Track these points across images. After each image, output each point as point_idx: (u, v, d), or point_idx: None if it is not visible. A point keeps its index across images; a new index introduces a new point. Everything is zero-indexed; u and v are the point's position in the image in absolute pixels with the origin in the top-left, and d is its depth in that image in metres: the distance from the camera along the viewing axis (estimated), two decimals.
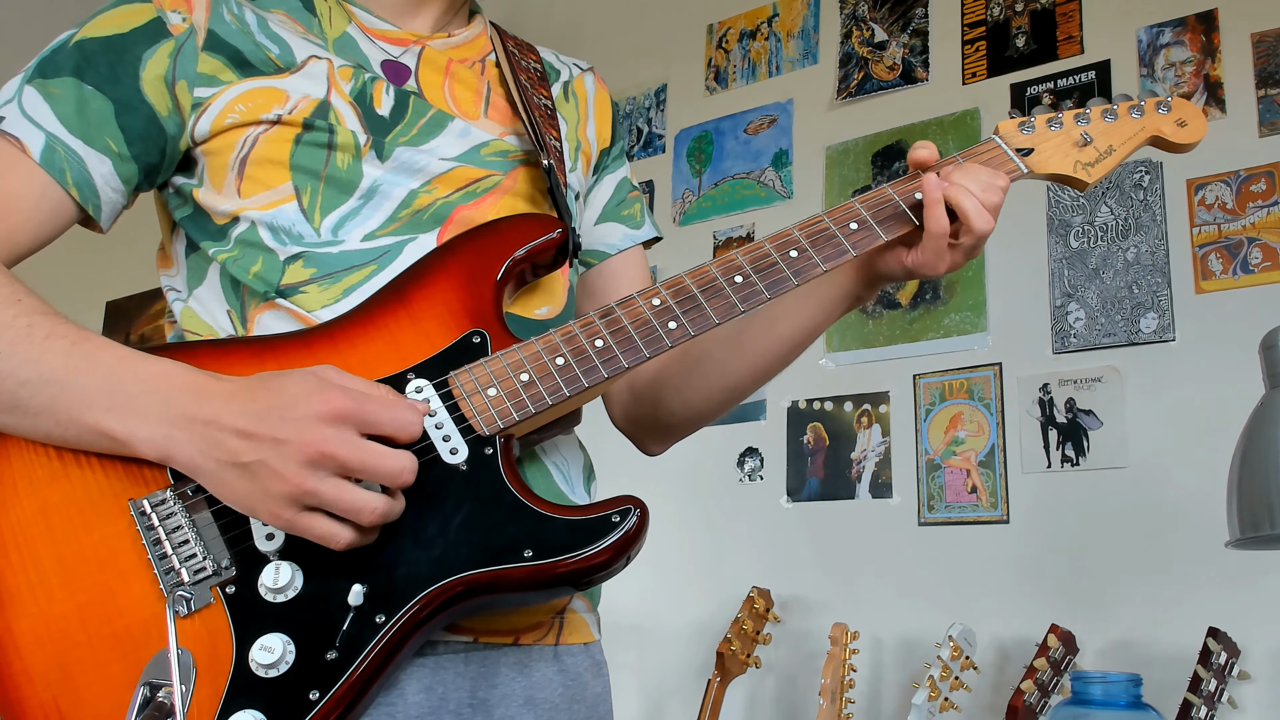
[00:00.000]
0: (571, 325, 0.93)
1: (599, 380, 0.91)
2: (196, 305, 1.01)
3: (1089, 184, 1.06)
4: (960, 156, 1.04)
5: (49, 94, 0.94)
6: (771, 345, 1.10)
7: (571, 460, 1.04)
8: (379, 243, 0.98)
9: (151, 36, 0.96)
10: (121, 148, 0.95)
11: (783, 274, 0.97)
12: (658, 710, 2.66)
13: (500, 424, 0.88)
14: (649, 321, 0.93)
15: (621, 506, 0.85)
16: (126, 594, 0.81)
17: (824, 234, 1.00)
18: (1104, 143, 1.08)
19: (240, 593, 0.81)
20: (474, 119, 1.06)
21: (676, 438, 1.20)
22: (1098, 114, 1.09)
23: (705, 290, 0.95)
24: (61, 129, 0.93)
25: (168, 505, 0.83)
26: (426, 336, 0.91)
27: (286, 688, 0.78)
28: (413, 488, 0.81)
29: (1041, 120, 1.08)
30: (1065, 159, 1.06)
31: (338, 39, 1.04)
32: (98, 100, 0.94)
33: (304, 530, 0.79)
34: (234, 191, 0.97)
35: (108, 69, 0.95)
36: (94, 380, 0.82)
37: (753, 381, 1.12)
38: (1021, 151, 1.06)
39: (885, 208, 1.01)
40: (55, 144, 0.92)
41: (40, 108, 0.93)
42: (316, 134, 0.97)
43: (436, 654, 0.91)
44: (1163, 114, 1.09)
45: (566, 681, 1.00)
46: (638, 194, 1.25)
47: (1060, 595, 2.25)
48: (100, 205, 0.96)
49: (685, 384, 1.14)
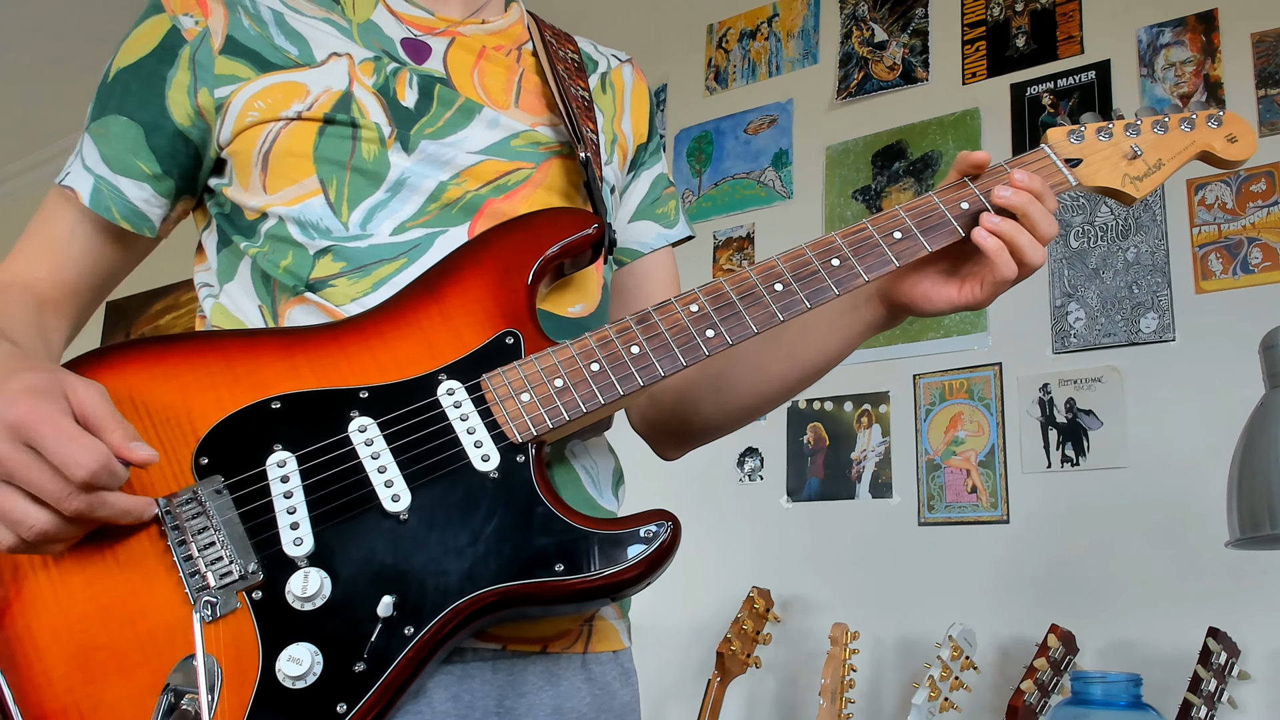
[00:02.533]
0: (607, 330, 0.91)
1: (634, 388, 0.89)
2: (227, 300, 1.00)
3: (1136, 199, 1.03)
4: (1008, 165, 1.00)
5: (98, 136, 1.00)
6: (792, 370, 1.09)
7: (601, 464, 1.03)
8: (409, 235, 0.96)
9: (171, 52, 0.98)
10: (154, 168, 0.99)
11: (824, 283, 0.94)
12: (658, 710, 2.66)
13: (534, 431, 0.86)
14: (686, 329, 0.91)
15: (654, 521, 0.84)
16: (150, 596, 0.79)
17: (867, 242, 0.96)
18: (1153, 156, 1.04)
19: (267, 599, 0.79)
20: (504, 108, 1.04)
21: (692, 446, 1.19)
22: (1148, 125, 1.05)
23: (745, 298, 0.93)
24: (104, 168, 0.99)
25: (193, 506, 0.82)
26: (459, 335, 0.90)
27: (313, 700, 0.77)
28: (444, 493, 0.80)
29: (1091, 130, 1.04)
30: (1114, 172, 1.03)
31: (363, 24, 1.02)
32: (132, 130, 0.99)
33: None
34: (260, 187, 0.97)
35: (138, 94, 0.99)
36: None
37: (769, 403, 1.11)
38: (1070, 162, 1.02)
39: (930, 217, 0.97)
40: (101, 185, 0.99)
41: (92, 153, 1.00)
42: (339, 127, 0.96)
43: (464, 661, 0.90)
44: (1213, 128, 1.06)
45: (595, 691, 0.98)
46: (673, 190, 1.22)
47: (1060, 595, 2.25)
48: (154, 225, 1.02)
49: (703, 399, 1.12)
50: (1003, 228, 0.95)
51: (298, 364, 0.87)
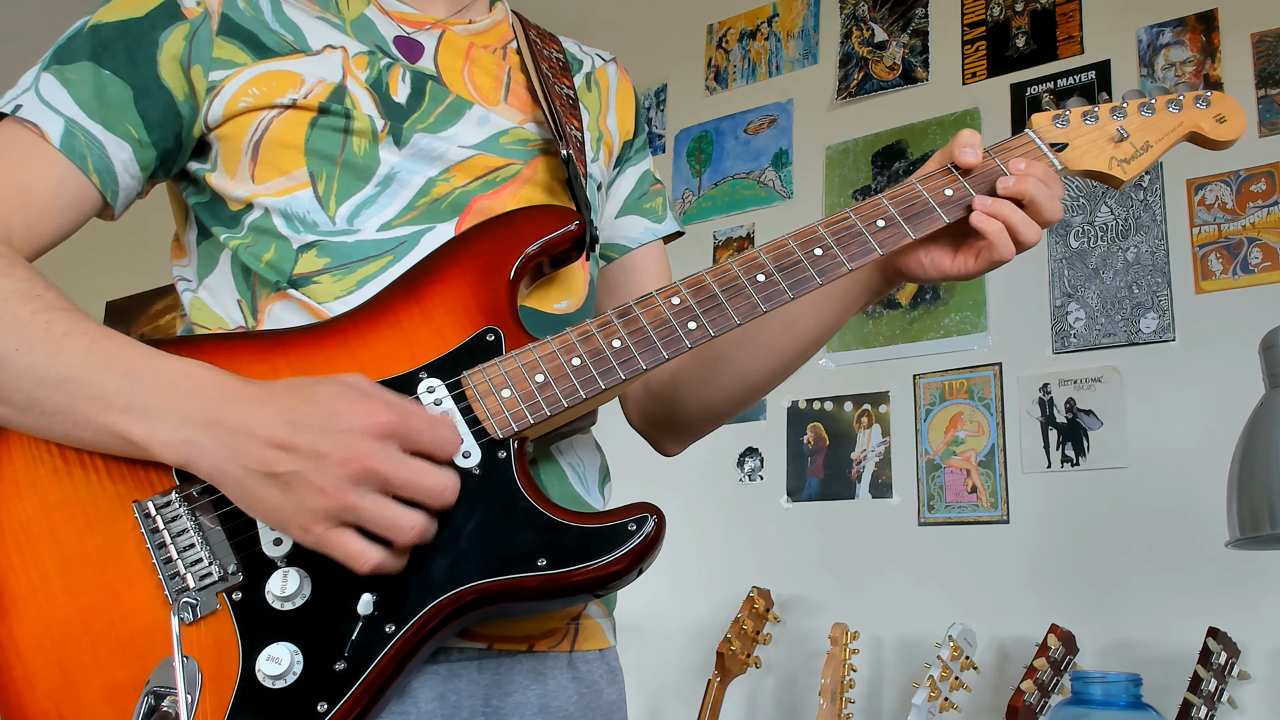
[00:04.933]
0: (588, 324, 0.90)
1: (616, 383, 0.88)
2: (206, 295, 0.98)
3: (1124, 181, 1.02)
4: (992, 151, 1.00)
5: (66, 80, 0.91)
6: (790, 343, 1.08)
7: (588, 461, 1.02)
8: (395, 233, 0.96)
9: (166, 19, 0.94)
10: (141, 134, 0.92)
11: (806, 273, 0.94)
12: (658, 710, 2.66)
13: (514, 427, 0.85)
14: (668, 321, 0.91)
15: (638, 514, 0.83)
16: (131, 598, 0.79)
17: (850, 231, 0.96)
18: (1141, 138, 1.03)
19: (247, 599, 0.79)
20: (493, 105, 1.04)
21: (694, 437, 1.18)
22: (1134, 108, 1.05)
23: (726, 289, 0.92)
24: (81, 114, 0.90)
25: (173, 507, 0.81)
26: (439, 333, 0.89)
27: (294, 699, 0.76)
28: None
29: (1076, 114, 1.03)
30: (1100, 155, 1.02)
31: (355, 20, 1.02)
32: (116, 85, 0.91)
33: (332, 547, 0.75)
34: (248, 176, 0.95)
35: (125, 54, 0.92)
36: (112, 379, 0.79)
37: (771, 379, 1.10)
38: (1055, 146, 1.02)
39: (914, 204, 0.97)
40: (75, 129, 0.90)
41: (58, 93, 0.91)
42: (332, 118, 0.95)
43: (450, 661, 0.89)
44: (1201, 109, 1.05)
45: (581, 689, 0.98)
46: (660, 187, 1.22)
47: (1060, 595, 2.25)
48: (118, 192, 0.93)
49: (702, 383, 1.12)
50: (1001, 210, 0.96)
51: (278, 366, 0.86)
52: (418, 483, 0.76)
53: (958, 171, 0.99)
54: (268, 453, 0.75)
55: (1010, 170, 0.98)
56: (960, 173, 0.99)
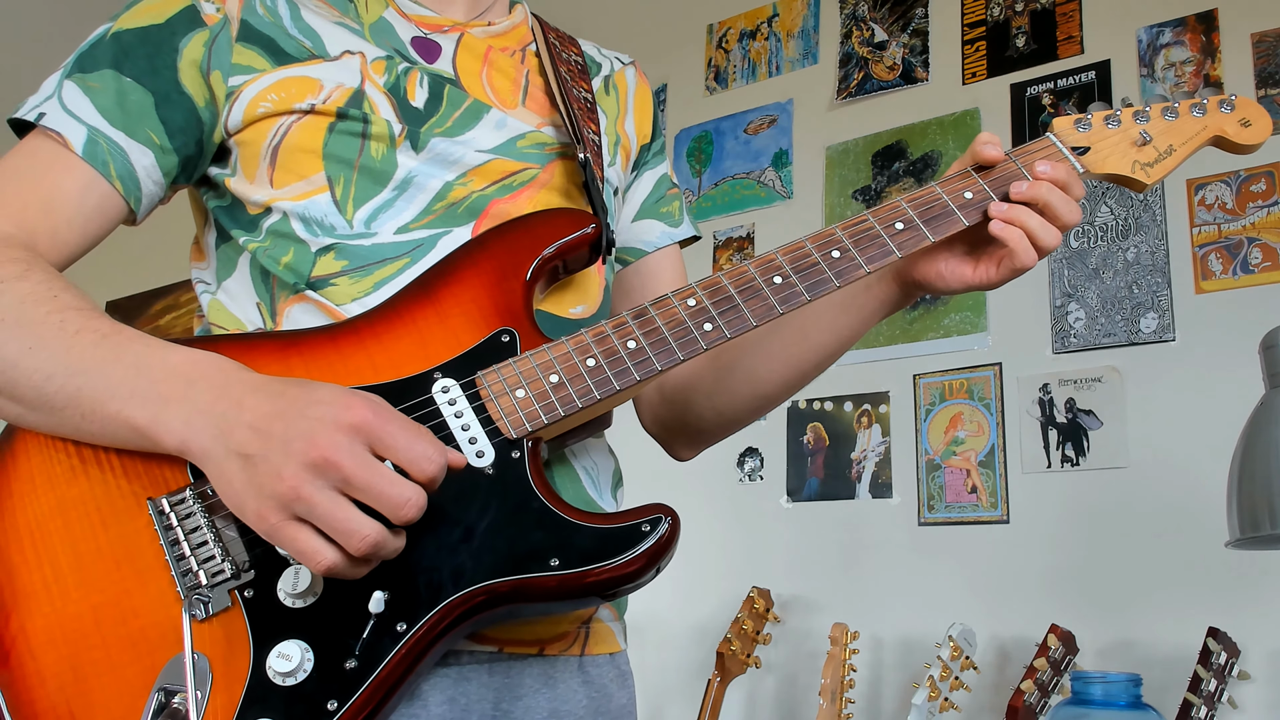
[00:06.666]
0: (603, 325, 0.90)
1: (631, 383, 0.88)
2: (225, 297, 0.98)
3: (1147, 185, 1.01)
4: (1013, 154, 0.99)
5: (88, 88, 0.92)
6: (805, 354, 1.07)
7: (601, 465, 1.02)
8: (412, 236, 0.96)
9: (186, 26, 0.95)
10: (163, 140, 0.93)
11: (824, 275, 0.93)
12: (658, 710, 2.66)
13: (528, 427, 0.85)
14: (684, 323, 0.90)
15: (652, 515, 0.82)
16: (143, 595, 0.79)
17: (868, 233, 0.95)
18: (1164, 142, 1.02)
19: (259, 597, 0.79)
20: (511, 109, 1.03)
21: (707, 443, 1.17)
22: (1157, 112, 1.03)
23: (743, 291, 0.92)
24: (103, 121, 0.91)
25: (187, 505, 0.81)
26: (454, 334, 0.89)
27: (304, 697, 0.76)
28: (438, 489, 0.78)
29: (1099, 117, 1.02)
30: (1123, 159, 1.01)
31: (374, 23, 1.02)
32: (137, 92, 0.93)
33: (286, 541, 0.73)
34: (266, 181, 0.95)
35: (146, 61, 0.93)
36: (119, 370, 0.79)
37: (784, 389, 1.10)
38: (1077, 150, 1.01)
39: (933, 207, 0.96)
40: (97, 137, 0.91)
41: (80, 101, 0.92)
42: (350, 123, 0.95)
43: (460, 664, 0.89)
44: (1226, 113, 1.03)
45: (591, 694, 0.98)
46: (677, 191, 1.22)
47: (1060, 595, 2.25)
48: (141, 198, 0.94)
49: (715, 390, 1.11)
50: (1019, 216, 0.95)
51: (293, 366, 0.86)
52: (379, 489, 0.72)
53: (977, 175, 0.98)
54: (244, 434, 0.75)
55: (1034, 174, 0.97)
56: (980, 177, 0.98)
